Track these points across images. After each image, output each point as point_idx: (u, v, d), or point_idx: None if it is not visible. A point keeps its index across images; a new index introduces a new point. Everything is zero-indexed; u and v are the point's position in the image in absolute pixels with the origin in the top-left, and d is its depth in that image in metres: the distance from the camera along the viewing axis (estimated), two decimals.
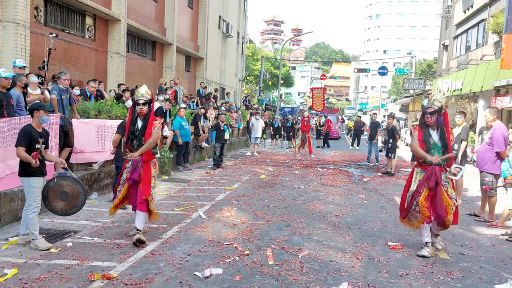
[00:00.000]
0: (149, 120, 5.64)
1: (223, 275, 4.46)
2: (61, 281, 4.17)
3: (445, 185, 5.35)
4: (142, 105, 5.59)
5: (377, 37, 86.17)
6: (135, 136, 5.64)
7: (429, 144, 5.36)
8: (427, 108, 5.37)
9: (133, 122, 5.68)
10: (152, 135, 5.61)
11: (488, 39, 19.80)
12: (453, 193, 5.41)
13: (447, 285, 4.41)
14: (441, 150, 5.35)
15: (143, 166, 5.59)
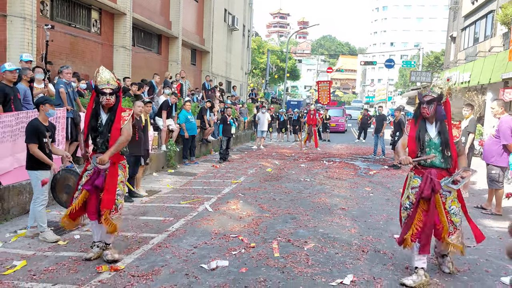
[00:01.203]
0: (116, 113, 4.58)
1: (229, 267, 4.49)
2: (69, 273, 4.22)
3: (444, 195, 4.21)
4: (109, 95, 4.52)
5: (384, 29, 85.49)
6: (98, 132, 4.58)
7: (423, 142, 4.29)
8: (424, 96, 4.35)
9: (94, 116, 4.60)
10: (123, 132, 4.60)
11: (496, 31, 19.57)
12: (454, 207, 4.24)
13: (453, 278, 4.41)
14: (439, 149, 4.24)
15: (109, 169, 4.55)
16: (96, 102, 4.62)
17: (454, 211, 4.25)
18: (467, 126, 8.44)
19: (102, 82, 4.56)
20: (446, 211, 4.22)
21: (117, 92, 4.63)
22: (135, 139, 7.37)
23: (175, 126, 11.55)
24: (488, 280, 4.39)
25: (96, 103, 4.62)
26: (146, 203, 7.34)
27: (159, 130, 10.86)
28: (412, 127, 4.47)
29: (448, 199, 4.23)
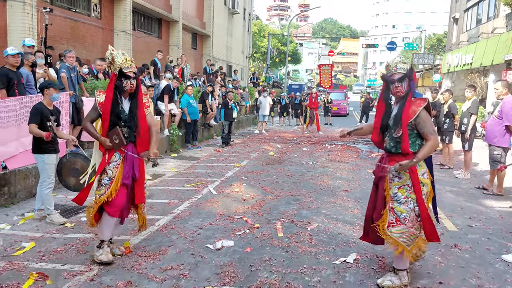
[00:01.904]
0: (139, 99, 4.22)
1: (234, 247, 4.57)
2: (77, 254, 4.30)
3: (393, 180, 3.74)
4: (133, 79, 4.12)
5: (386, 12, 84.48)
6: (123, 121, 4.13)
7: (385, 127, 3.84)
8: (392, 75, 3.77)
9: (117, 103, 4.11)
10: (149, 121, 4.33)
11: (499, 12, 19.39)
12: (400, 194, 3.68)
13: (454, 256, 4.48)
14: (393, 134, 3.75)
15: (138, 161, 4.23)
16: (118, 88, 4.10)
17: (399, 198, 3.66)
18: (470, 108, 8.44)
19: (126, 64, 4.09)
20: (390, 197, 3.71)
21: (139, 76, 4.34)
22: None
23: (177, 110, 11.57)
24: (490, 258, 4.46)
25: (118, 89, 4.11)
26: (150, 187, 7.41)
27: (161, 114, 10.89)
28: (377, 112, 3.95)
29: (394, 185, 3.71)
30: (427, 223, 3.64)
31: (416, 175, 3.64)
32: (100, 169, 4.15)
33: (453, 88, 21.25)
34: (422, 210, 3.63)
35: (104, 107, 4.09)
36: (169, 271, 3.92)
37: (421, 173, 3.69)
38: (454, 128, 9.42)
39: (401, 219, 3.63)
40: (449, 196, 7.17)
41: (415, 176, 3.64)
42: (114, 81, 4.09)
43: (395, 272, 3.75)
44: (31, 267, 3.94)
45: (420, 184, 3.64)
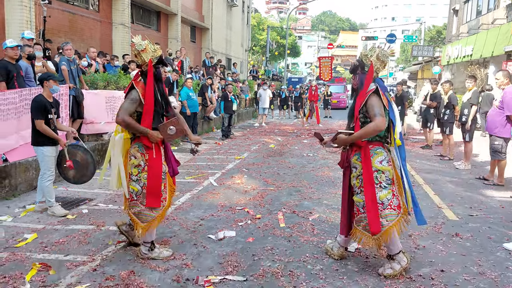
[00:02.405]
0: (164, 86, 4.17)
1: (236, 237, 4.58)
2: (79, 245, 4.31)
3: (353, 170, 3.78)
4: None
5: (385, 4, 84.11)
6: (163, 110, 4.05)
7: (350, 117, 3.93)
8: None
9: (157, 92, 3.94)
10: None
11: (499, 2, 19.29)
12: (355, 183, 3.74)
13: (455, 244, 4.49)
14: (351, 125, 3.83)
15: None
16: (157, 77, 3.96)
17: (355, 189, 3.73)
18: (470, 98, 8.43)
19: (159, 52, 3.99)
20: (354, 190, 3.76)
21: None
22: None
23: (176, 103, 11.54)
24: (491, 246, 4.47)
25: (155, 77, 3.93)
26: None
27: None
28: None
29: (353, 175, 3.76)
30: (370, 213, 3.59)
31: (369, 165, 3.63)
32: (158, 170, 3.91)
33: (453, 80, 21.18)
34: (366, 198, 3.61)
35: (147, 98, 3.82)
36: (172, 261, 3.93)
37: (378, 160, 3.66)
38: (455, 119, 9.41)
39: (360, 209, 3.69)
40: (450, 186, 7.18)
41: (368, 165, 3.63)
42: (152, 69, 3.90)
43: (392, 258, 3.74)
44: (33, 258, 3.95)
45: (376, 172, 3.62)
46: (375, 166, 3.63)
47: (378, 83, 3.76)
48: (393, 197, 3.65)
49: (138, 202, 3.91)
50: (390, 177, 3.66)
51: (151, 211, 3.89)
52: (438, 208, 5.83)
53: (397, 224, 3.63)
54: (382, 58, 3.78)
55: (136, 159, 3.91)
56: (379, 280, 3.62)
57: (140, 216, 3.89)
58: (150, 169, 3.88)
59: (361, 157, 3.68)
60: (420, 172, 8.27)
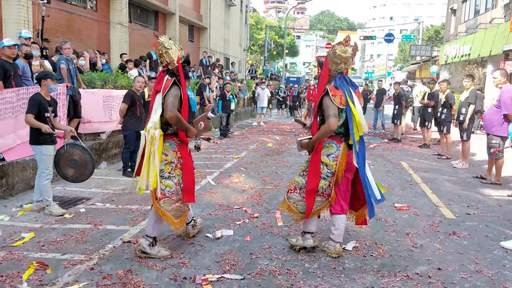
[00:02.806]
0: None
1: (234, 236, 4.58)
2: (77, 243, 4.30)
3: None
4: None
5: (384, 3, 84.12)
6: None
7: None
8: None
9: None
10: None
11: (497, 2, 19.32)
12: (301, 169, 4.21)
13: (453, 243, 4.50)
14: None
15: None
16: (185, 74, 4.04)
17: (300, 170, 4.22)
18: (468, 97, 8.44)
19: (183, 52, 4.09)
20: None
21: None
22: (136, 114, 7.38)
23: None
24: (488, 245, 4.48)
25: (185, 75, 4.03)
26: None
27: None
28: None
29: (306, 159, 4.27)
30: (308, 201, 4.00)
31: (318, 155, 3.98)
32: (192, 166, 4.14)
33: (451, 80, 21.19)
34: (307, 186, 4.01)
35: (184, 95, 3.96)
36: (169, 260, 3.93)
37: (326, 154, 3.97)
38: (452, 118, 9.43)
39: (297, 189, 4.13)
40: (447, 185, 7.19)
41: (317, 155, 3.99)
42: (181, 68, 3.98)
43: (302, 234, 4.23)
44: (31, 257, 3.94)
45: (321, 164, 3.96)
46: (322, 159, 3.97)
47: (335, 82, 3.98)
48: (328, 187, 4.00)
49: (172, 199, 3.96)
50: (332, 171, 3.97)
51: (185, 206, 4.04)
52: (436, 207, 5.84)
53: (322, 209, 4.05)
54: (335, 58, 3.96)
55: (168, 156, 3.97)
56: (376, 278, 3.63)
57: (175, 213, 3.97)
58: (185, 165, 3.99)
59: (315, 147, 4.02)
60: (417, 171, 8.28)
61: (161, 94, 3.91)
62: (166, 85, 3.92)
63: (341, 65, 3.98)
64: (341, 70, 4.01)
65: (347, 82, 4.03)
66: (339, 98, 3.90)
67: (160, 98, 3.92)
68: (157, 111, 3.89)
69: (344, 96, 3.92)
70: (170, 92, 3.89)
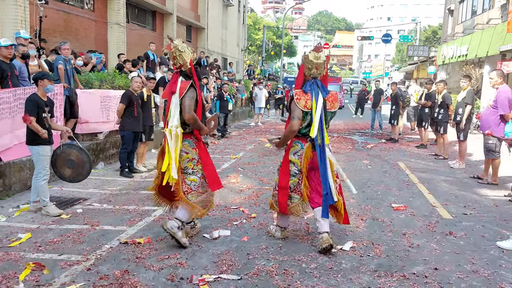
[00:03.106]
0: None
1: (231, 236, 4.58)
2: (74, 244, 4.30)
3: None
4: None
5: (381, 4, 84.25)
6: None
7: None
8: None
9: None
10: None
11: (494, 2, 19.38)
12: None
13: (449, 243, 4.51)
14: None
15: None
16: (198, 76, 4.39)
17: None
18: (465, 98, 8.46)
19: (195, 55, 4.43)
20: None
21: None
22: (134, 114, 7.37)
23: None
24: (484, 245, 4.49)
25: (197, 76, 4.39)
26: (146, 178, 7.40)
27: (156, 106, 10.82)
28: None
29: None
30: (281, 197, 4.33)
31: (287, 154, 4.37)
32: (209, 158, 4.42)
33: (448, 80, 21.27)
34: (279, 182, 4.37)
35: (199, 95, 4.30)
36: (166, 260, 3.93)
37: (293, 152, 4.30)
38: (449, 119, 9.46)
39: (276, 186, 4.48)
40: (444, 185, 7.21)
41: (286, 154, 4.38)
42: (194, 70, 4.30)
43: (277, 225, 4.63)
44: (27, 258, 3.93)
45: (290, 162, 4.30)
46: (290, 157, 4.31)
47: (305, 86, 4.28)
48: (298, 184, 4.27)
49: (198, 192, 4.27)
50: (298, 169, 4.26)
51: (210, 196, 4.39)
52: (433, 207, 5.86)
53: (298, 206, 4.28)
54: (307, 64, 4.31)
55: (189, 154, 4.29)
56: (372, 278, 3.64)
57: (202, 203, 4.29)
58: (203, 159, 4.33)
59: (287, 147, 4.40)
60: (414, 171, 8.30)
61: (178, 96, 4.20)
62: (182, 87, 4.21)
63: (313, 70, 4.27)
64: (314, 75, 4.30)
65: (318, 87, 4.26)
66: (304, 102, 4.19)
67: (177, 99, 4.21)
68: (176, 112, 4.21)
69: (311, 100, 4.18)
70: (187, 95, 4.18)
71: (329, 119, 4.46)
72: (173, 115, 4.21)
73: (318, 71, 4.29)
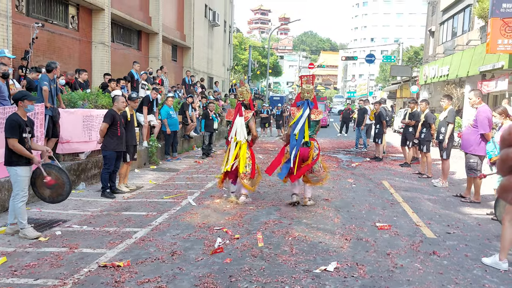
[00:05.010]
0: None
1: (214, 258, 4.49)
2: (51, 268, 4.16)
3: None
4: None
5: (364, 25, 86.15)
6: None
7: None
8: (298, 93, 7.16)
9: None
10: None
11: (474, 24, 19.94)
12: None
13: (433, 262, 4.50)
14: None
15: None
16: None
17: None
18: (446, 117, 8.59)
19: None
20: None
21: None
22: (117, 134, 7.29)
23: (156, 122, 11.46)
24: (468, 264, 4.49)
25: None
26: (128, 199, 7.28)
27: (140, 126, 10.76)
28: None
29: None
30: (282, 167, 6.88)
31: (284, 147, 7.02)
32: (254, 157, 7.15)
33: (431, 99, 21.66)
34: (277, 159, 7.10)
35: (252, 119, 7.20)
36: (146, 284, 3.82)
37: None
38: (431, 138, 9.57)
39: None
40: (428, 204, 7.25)
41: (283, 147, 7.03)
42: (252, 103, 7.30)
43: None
44: (2, 283, 3.79)
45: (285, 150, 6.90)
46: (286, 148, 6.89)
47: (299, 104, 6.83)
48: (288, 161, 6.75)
49: (248, 177, 6.85)
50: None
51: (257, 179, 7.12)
52: (416, 226, 5.86)
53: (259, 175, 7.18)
54: (302, 91, 6.83)
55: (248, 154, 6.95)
56: None
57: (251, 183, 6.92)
58: (253, 159, 7.01)
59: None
60: (398, 190, 8.33)
61: (244, 120, 6.91)
62: (246, 114, 6.97)
63: (305, 94, 6.78)
64: (306, 97, 6.77)
65: (308, 105, 6.70)
66: (294, 113, 6.79)
67: (242, 121, 6.90)
68: (243, 128, 6.91)
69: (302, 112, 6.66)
70: (251, 120, 7.00)
71: (315, 125, 6.80)
72: (241, 132, 6.88)
73: (309, 94, 6.76)
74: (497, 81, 15.19)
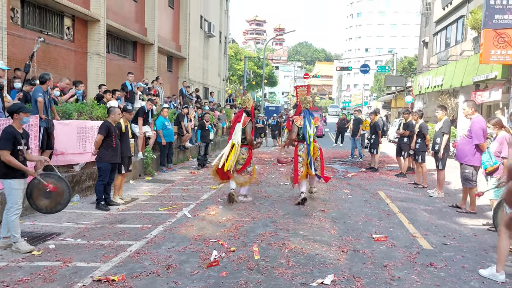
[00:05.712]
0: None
1: (209, 271, 4.45)
2: (44, 282, 4.10)
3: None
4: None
5: (359, 36, 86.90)
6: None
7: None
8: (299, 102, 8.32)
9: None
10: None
11: (467, 35, 20.15)
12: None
13: (430, 274, 4.48)
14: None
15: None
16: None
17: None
18: (442, 127, 8.62)
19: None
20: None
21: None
22: (112, 145, 7.25)
23: (151, 133, 11.42)
24: (465, 275, 4.47)
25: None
26: (123, 211, 7.22)
27: (135, 137, 10.72)
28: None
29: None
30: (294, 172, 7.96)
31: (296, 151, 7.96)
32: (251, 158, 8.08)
33: (425, 109, 21.80)
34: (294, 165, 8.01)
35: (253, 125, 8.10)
36: None
37: (299, 150, 7.88)
38: (426, 148, 9.60)
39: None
40: (424, 214, 7.24)
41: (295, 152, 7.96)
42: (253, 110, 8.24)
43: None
44: None
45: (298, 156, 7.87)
46: (298, 153, 7.86)
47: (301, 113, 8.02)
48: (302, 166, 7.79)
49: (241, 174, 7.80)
50: (302, 158, 7.82)
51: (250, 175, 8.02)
52: (413, 237, 5.85)
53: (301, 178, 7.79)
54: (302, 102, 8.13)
55: (244, 155, 7.82)
56: None
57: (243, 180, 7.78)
58: (250, 159, 7.91)
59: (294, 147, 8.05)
60: (394, 200, 8.32)
61: (241, 124, 7.74)
62: (245, 120, 7.77)
63: (305, 104, 8.07)
64: (306, 107, 8.09)
65: (309, 113, 8.04)
66: (300, 121, 7.88)
67: (240, 126, 7.74)
68: (238, 133, 7.71)
69: (303, 121, 7.86)
70: (248, 125, 7.81)
71: (314, 129, 7.94)
72: (236, 135, 7.69)
73: (308, 104, 8.09)
74: (490, 91, 15.32)
